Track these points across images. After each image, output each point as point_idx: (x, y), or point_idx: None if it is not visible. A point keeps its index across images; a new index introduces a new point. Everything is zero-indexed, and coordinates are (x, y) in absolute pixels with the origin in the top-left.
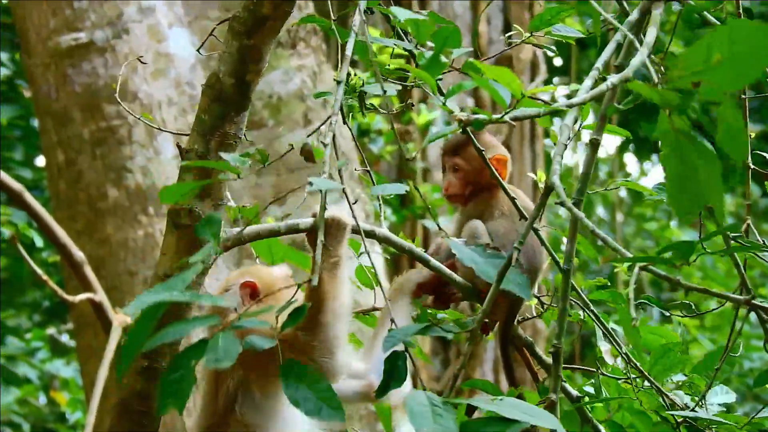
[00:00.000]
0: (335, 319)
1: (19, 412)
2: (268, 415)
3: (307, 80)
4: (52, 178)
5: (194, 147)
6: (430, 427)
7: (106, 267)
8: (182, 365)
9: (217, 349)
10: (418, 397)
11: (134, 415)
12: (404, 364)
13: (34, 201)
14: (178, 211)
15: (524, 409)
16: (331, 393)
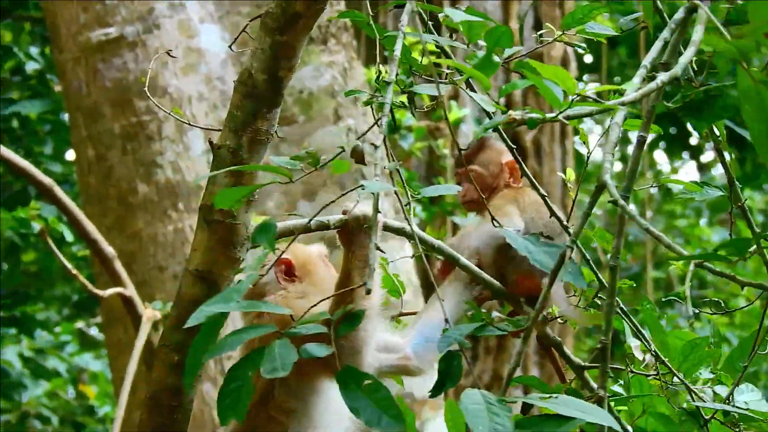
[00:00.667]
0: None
1: (48, 405)
2: (305, 400)
3: (338, 76)
4: (82, 173)
5: (226, 143)
6: (486, 425)
7: (136, 262)
8: (239, 376)
9: (274, 359)
10: (473, 396)
11: (165, 410)
12: (459, 364)
13: (65, 195)
14: (209, 207)
15: (578, 406)
16: (390, 401)
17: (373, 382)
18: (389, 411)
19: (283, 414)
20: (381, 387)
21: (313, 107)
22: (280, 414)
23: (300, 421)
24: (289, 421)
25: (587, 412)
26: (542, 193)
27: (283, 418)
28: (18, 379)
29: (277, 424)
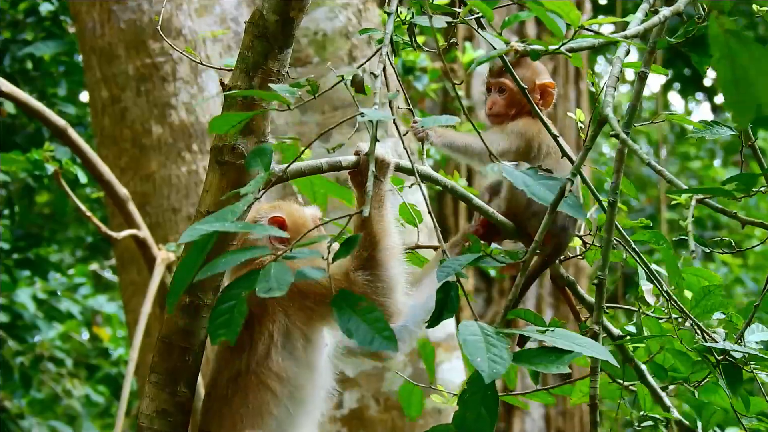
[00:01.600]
0: (390, 256)
1: (62, 348)
2: (304, 366)
3: (352, 17)
4: (96, 115)
5: (237, 83)
6: (484, 356)
7: (150, 204)
8: (233, 296)
9: (270, 279)
10: (471, 328)
11: (176, 352)
12: (456, 295)
13: (79, 137)
14: (221, 148)
15: (575, 339)
16: (383, 323)
17: (367, 305)
18: (383, 332)
19: (276, 380)
20: (374, 309)
21: (328, 48)
22: (273, 380)
23: (290, 392)
24: (282, 388)
25: (584, 345)
26: (554, 134)
27: (276, 385)
28: (32, 321)
29: (266, 391)
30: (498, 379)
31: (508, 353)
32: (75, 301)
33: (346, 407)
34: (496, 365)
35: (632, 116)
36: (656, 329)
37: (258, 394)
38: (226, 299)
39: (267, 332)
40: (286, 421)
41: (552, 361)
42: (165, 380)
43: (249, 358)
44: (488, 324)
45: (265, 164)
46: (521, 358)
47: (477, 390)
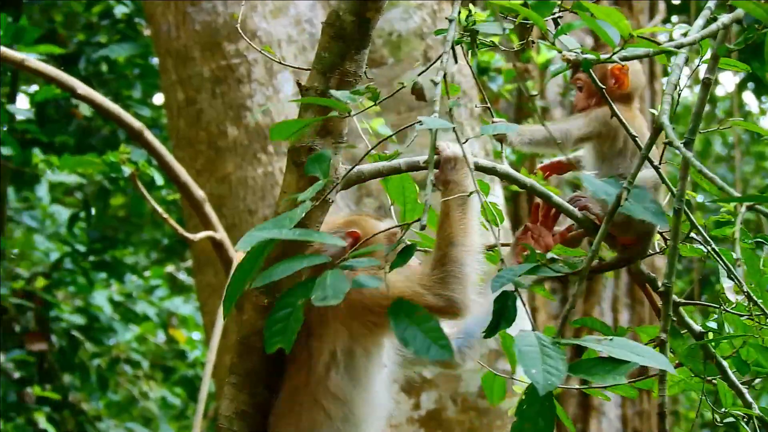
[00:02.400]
0: (467, 255)
1: (138, 350)
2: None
3: (427, 18)
4: (171, 117)
5: (314, 85)
6: (539, 368)
7: (226, 205)
8: (289, 303)
9: (326, 287)
10: (528, 338)
11: (256, 353)
12: (514, 304)
13: (155, 139)
14: (298, 150)
15: (634, 349)
16: (439, 332)
17: (423, 314)
18: (438, 341)
19: (331, 401)
20: (431, 318)
21: (402, 49)
22: (329, 400)
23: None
24: (336, 409)
25: (642, 354)
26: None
27: (330, 406)
28: (108, 323)
29: (320, 411)
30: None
31: (563, 364)
32: (151, 303)
33: (423, 408)
34: (551, 377)
35: (697, 123)
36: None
37: (311, 413)
38: (283, 306)
39: (328, 350)
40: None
41: (608, 372)
42: (244, 381)
43: (308, 376)
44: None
45: (323, 171)
46: (578, 369)
47: (534, 401)
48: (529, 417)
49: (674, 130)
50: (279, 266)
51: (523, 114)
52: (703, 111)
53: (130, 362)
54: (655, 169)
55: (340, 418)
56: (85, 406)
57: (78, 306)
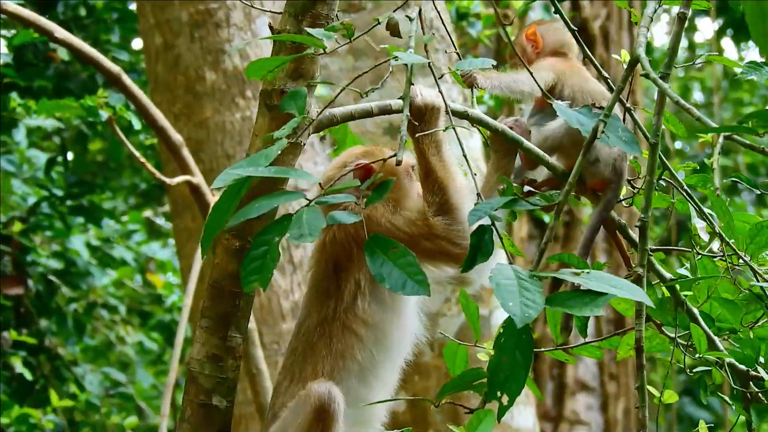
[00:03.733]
0: (463, 198)
1: (116, 294)
2: (390, 311)
3: None
4: (149, 61)
5: (286, 27)
6: (516, 300)
7: (204, 150)
8: (266, 241)
9: (301, 224)
10: (505, 271)
11: (227, 296)
12: (491, 238)
13: (133, 84)
14: (270, 92)
15: (611, 281)
16: (416, 268)
17: (399, 249)
18: (415, 276)
19: (362, 326)
20: (407, 253)
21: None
22: (359, 325)
23: (376, 337)
24: (367, 332)
25: (619, 287)
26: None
27: (362, 330)
28: (85, 268)
29: (352, 335)
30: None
31: (540, 297)
32: (128, 248)
33: None
34: (528, 309)
35: (672, 58)
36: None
37: (343, 338)
38: (259, 244)
39: (353, 279)
40: (369, 366)
41: (586, 304)
42: (216, 325)
43: (336, 305)
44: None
45: (299, 107)
46: (554, 301)
47: (511, 335)
48: (507, 350)
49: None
50: (254, 204)
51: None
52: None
53: (107, 307)
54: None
55: (371, 341)
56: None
57: (55, 250)
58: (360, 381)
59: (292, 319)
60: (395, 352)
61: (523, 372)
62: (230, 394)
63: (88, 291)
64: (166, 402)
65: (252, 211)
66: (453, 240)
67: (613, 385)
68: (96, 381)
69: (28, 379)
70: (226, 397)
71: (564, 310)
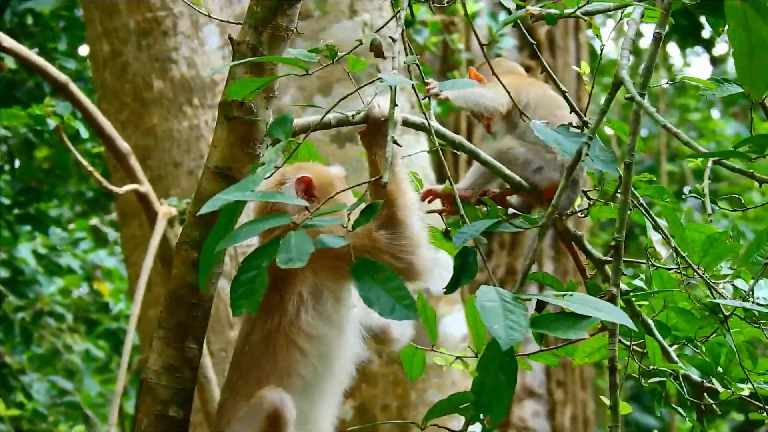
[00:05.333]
0: (411, 214)
1: (62, 302)
2: (334, 325)
3: None
4: (97, 69)
5: (246, 39)
6: (501, 323)
7: (152, 158)
8: (254, 266)
9: (290, 249)
10: (489, 294)
11: (184, 307)
12: (474, 260)
13: (80, 92)
14: (229, 104)
15: (593, 304)
16: (403, 291)
17: (387, 273)
18: (402, 301)
19: (306, 340)
20: (395, 277)
21: (328, 2)
22: (303, 339)
23: (320, 351)
24: (311, 347)
25: (601, 310)
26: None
27: (305, 344)
28: (32, 276)
29: (296, 350)
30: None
31: (525, 320)
32: (75, 256)
33: None
34: (513, 332)
35: (648, 78)
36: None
37: (287, 353)
38: (248, 269)
39: (296, 292)
40: (313, 383)
41: (570, 326)
42: (173, 336)
43: (280, 319)
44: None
45: (286, 133)
46: (539, 324)
47: (495, 356)
48: (491, 371)
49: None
50: (243, 228)
51: (448, 66)
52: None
53: (54, 315)
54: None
55: (315, 356)
56: (9, 360)
57: (2, 259)
58: (304, 398)
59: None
60: (338, 367)
61: (507, 393)
62: (187, 405)
63: (35, 299)
64: (114, 410)
65: (241, 236)
66: (396, 254)
67: (560, 392)
68: (43, 389)
69: None
70: (183, 407)
71: (548, 333)
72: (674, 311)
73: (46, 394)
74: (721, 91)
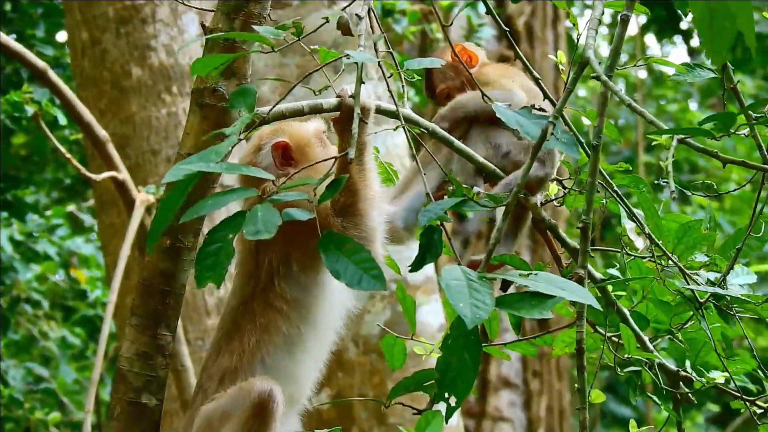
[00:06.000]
0: (371, 207)
1: (39, 289)
2: (308, 290)
3: None
4: (75, 57)
5: (218, 26)
6: (467, 301)
7: (130, 145)
8: (219, 238)
9: (257, 221)
10: (454, 272)
11: (157, 294)
12: (440, 239)
13: (58, 79)
14: (201, 91)
15: (558, 283)
16: (371, 262)
17: (353, 245)
18: (370, 271)
19: (283, 303)
20: (361, 249)
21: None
22: (280, 302)
23: (300, 313)
24: (289, 309)
25: (567, 289)
26: (536, 76)
27: (283, 306)
28: (9, 262)
29: (274, 312)
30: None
31: (490, 298)
32: (52, 243)
33: None
34: (478, 310)
35: (615, 59)
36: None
37: (266, 314)
38: (213, 241)
39: (267, 260)
40: (295, 340)
41: (534, 306)
42: (145, 323)
43: (255, 285)
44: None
45: (249, 105)
46: (504, 303)
47: (460, 335)
48: (456, 350)
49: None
50: (207, 201)
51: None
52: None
53: (30, 302)
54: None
55: (296, 317)
56: None
57: None
58: (287, 354)
59: (217, 315)
60: (322, 327)
61: (471, 373)
62: (160, 392)
63: (11, 286)
64: (91, 398)
65: (204, 209)
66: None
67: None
68: (19, 376)
69: None
70: (156, 395)
71: (513, 312)
72: (653, 302)
73: (22, 381)
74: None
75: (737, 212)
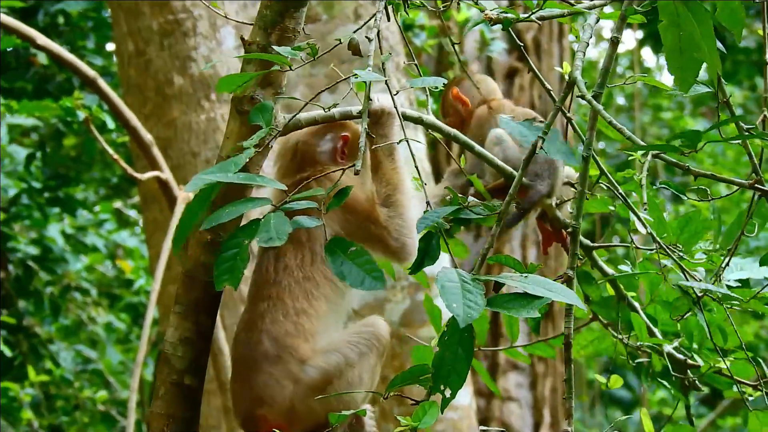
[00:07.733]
0: (409, 199)
1: (88, 278)
2: None
3: None
4: (122, 66)
5: (256, 40)
6: (460, 302)
7: (172, 148)
8: (236, 244)
9: (269, 228)
10: (449, 274)
11: (199, 285)
12: (438, 243)
13: (107, 86)
14: (241, 99)
15: (546, 285)
16: (372, 265)
17: (357, 249)
18: (372, 273)
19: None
20: (365, 253)
21: (335, 7)
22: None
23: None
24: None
25: (553, 291)
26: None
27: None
28: (60, 254)
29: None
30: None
31: (482, 299)
32: (100, 236)
33: None
34: (470, 310)
35: (605, 78)
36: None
37: (318, 281)
38: (229, 247)
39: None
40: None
41: (523, 306)
42: (188, 311)
43: (312, 255)
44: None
45: (266, 120)
46: (495, 303)
47: (454, 332)
48: (450, 346)
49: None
50: (226, 209)
51: (443, 67)
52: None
53: (80, 290)
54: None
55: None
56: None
57: (33, 238)
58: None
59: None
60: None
61: (464, 366)
62: (200, 374)
63: (62, 275)
64: (136, 378)
65: (222, 216)
66: (391, 232)
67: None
68: (69, 358)
69: (7, 356)
70: (197, 377)
71: (503, 311)
72: (660, 305)
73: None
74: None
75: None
